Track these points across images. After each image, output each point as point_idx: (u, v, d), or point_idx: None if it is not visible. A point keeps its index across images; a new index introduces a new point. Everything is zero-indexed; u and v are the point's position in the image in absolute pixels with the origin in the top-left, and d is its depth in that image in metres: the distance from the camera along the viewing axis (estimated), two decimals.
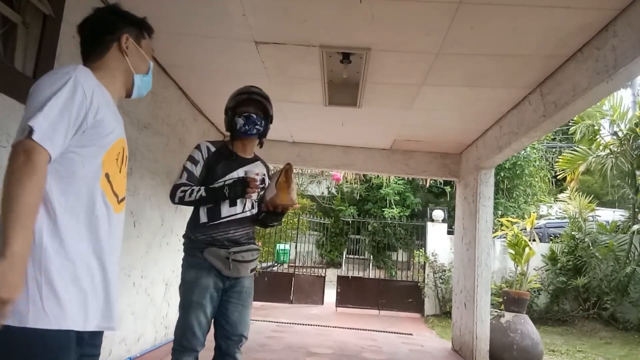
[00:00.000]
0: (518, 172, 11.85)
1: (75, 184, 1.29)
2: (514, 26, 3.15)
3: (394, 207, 12.42)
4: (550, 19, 3.03)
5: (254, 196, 2.42)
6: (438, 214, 10.20)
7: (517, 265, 6.41)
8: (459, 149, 6.42)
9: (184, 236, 2.53)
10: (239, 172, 2.47)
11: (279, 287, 9.64)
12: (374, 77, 4.14)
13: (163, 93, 4.47)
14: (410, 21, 3.17)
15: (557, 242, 9.69)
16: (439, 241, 9.90)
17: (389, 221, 11.58)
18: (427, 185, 12.50)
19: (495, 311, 5.88)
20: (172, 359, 2.41)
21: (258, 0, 3.08)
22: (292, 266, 10.39)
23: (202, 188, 2.38)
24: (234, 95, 2.59)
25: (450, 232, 9.54)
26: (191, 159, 2.50)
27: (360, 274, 10.72)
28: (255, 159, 2.65)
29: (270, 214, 2.49)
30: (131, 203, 3.98)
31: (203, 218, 2.42)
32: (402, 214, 12.23)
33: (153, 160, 4.38)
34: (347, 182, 14.09)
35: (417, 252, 10.25)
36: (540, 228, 10.03)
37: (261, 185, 2.52)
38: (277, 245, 10.64)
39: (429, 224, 10.17)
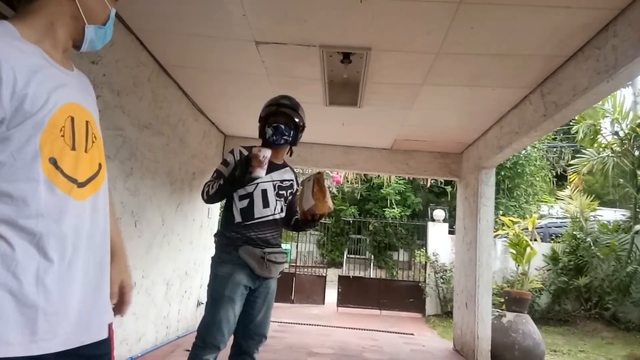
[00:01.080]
0: (519, 171, 11.85)
1: (7, 185, 0.98)
2: (514, 26, 3.14)
3: (394, 206, 12.41)
4: (550, 18, 3.02)
5: (261, 173, 2.37)
6: (439, 213, 10.20)
7: (518, 265, 6.41)
8: (459, 149, 6.42)
9: (216, 234, 2.60)
10: (273, 176, 2.59)
11: (280, 287, 9.48)
12: (375, 77, 4.14)
13: (163, 93, 4.47)
14: (411, 21, 3.17)
15: (559, 242, 9.69)
16: (440, 241, 9.90)
17: (390, 221, 11.58)
18: (428, 185, 12.49)
19: (497, 311, 5.87)
20: (191, 354, 2.42)
21: (258, 0, 3.08)
22: (293, 266, 10.40)
23: (222, 179, 2.46)
24: (265, 105, 2.70)
25: (451, 232, 9.54)
26: (224, 161, 2.59)
27: (362, 274, 10.72)
28: (284, 165, 2.74)
29: (308, 221, 2.58)
30: (132, 203, 3.98)
31: (237, 218, 2.51)
32: (403, 213, 12.24)
33: (154, 161, 4.38)
34: (347, 181, 14.10)
35: (418, 251, 10.25)
36: (541, 228, 10.02)
37: (290, 191, 2.68)
38: (282, 244, 10.63)
39: (430, 224, 10.17)
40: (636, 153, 8.63)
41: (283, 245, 9.45)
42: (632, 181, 8.97)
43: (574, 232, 9.46)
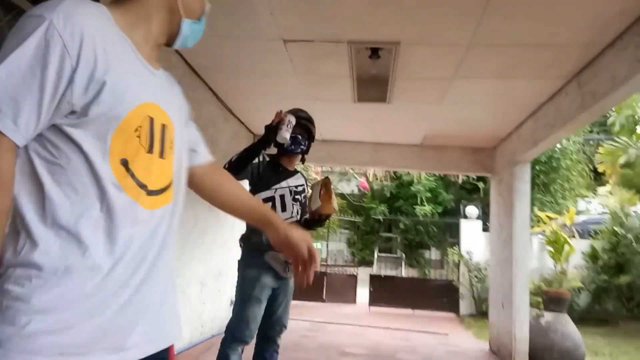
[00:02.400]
0: (554, 165, 11.49)
1: (67, 182, 0.87)
2: (548, 14, 3.04)
3: (425, 204, 12.24)
4: (586, 5, 2.91)
5: (286, 134, 2.59)
6: (471, 210, 10.01)
7: (556, 263, 6.22)
8: (492, 143, 6.27)
9: (242, 239, 2.82)
10: (289, 182, 2.84)
11: (311, 286, 9.64)
12: (404, 72, 4.08)
13: (194, 95, 4.53)
14: (441, 13, 3.11)
15: (598, 239, 9.35)
16: (473, 239, 9.71)
17: (421, 218, 11.44)
18: (460, 181, 12.27)
19: (535, 311, 5.71)
20: (222, 347, 2.68)
21: None
22: (323, 265, 10.40)
23: (241, 150, 2.67)
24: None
25: (485, 229, 9.34)
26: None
27: (393, 273, 10.64)
28: (296, 172, 2.99)
29: (314, 221, 2.82)
30: None
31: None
32: (434, 211, 12.05)
33: None
34: (377, 179, 13.99)
35: (451, 250, 10.08)
36: (579, 224, 9.70)
37: (303, 195, 2.92)
38: None
39: (463, 221, 9.99)
40: None
41: (314, 245, 9.42)
42: None
43: (614, 228, 9.11)
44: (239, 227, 6.33)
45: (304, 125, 2.86)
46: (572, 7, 2.94)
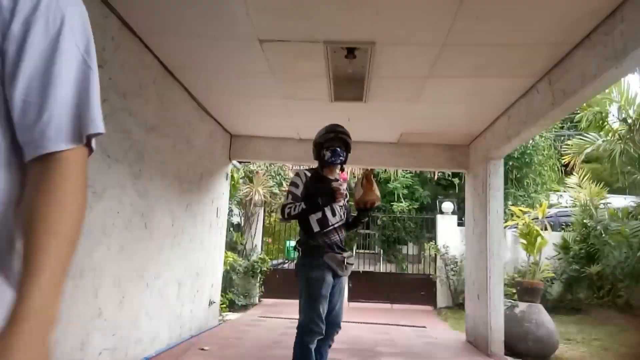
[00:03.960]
0: (527, 161, 11.75)
1: None
2: (519, 14, 3.12)
3: (402, 200, 12.37)
4: (556, 5, 2.99)
5: (341, 202, 3.09)
6: (447, 206, 10.16)
7: (529, 255, 6.37)
8: (467, 141, 6.38)
9: (300, 243, 3.16)
10: None
11: (290, 283, 9.56)
12: (380, 71, 4.12)
13: (169, 95, 4.48)
14: (415, 13, 3.15)
15: (569, 231, 9.62)
16: (449, 233, 9.87)
17: (398, 215, 11.55)
18: (435, 178, 12.43)
19: (509, 302, 5.85)
20: (303, 342, 2.94)
21: None
22: None
23: (302, 203, 3.02)
24: (323, 133, 3.26)
25: (460, 224, 9.50)
26: (294, 184, 3.15)
27: (372, 269, 10.70)
28: (337, 179, 3.29)
29: (361, 211, 3.25)
30: (141, 205, 4.00)
31: (315, 227, 3.08)
32: (411, 207, 12.17)
33: (161, 162, 4.39)
34: (354, 177, 14.04)
35: (428, 244, 10.22)
36: (551, 217, 9.96)
37: (346, 199, 3.22)
38: (287, 242, 10.65)
39: (439, 217, 10.13)
40: None
41: (292, 242, 9.44)
42: None
43: (584, 221, 9.38)
44: (216, 227, 6.32)
45: (342, 139, 3.21)
46: (542, 7, 3.02)
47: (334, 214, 3.13)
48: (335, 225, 3.16)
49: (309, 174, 3.17)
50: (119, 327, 3.68)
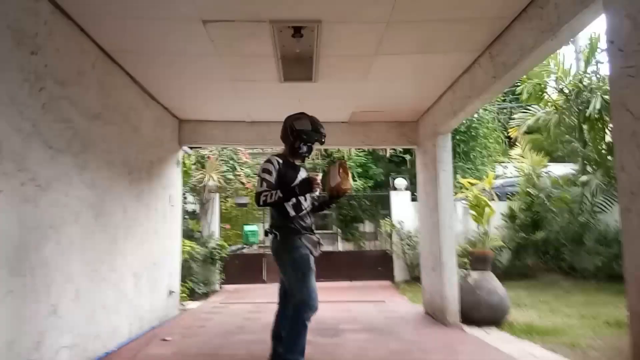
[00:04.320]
0: (473, 134, 12.16)
1: None
2: None
3: (357, 179, 12.53)
4: None
5: (317, 192, 3.26)
6: (400, 182, 10.38)
7: (479, 226, 6.62)
8: (415, 117, 6.52)
9: (277, 226, 3.30)
10: (301, 175, 3.37)
11: (250, 268, 9.64)
12: (327, 50, 4.12)
13: (110, 80, 4.30)
14: None
15: (515, 200, 10.06)
16: (403, 209, 10.11)
17: (354, 193, 11.71)
18: (388, 155, 12.65)
19: (462, 271, 6.08)
20: (300, 319, 3.15)
21: None
22: (261, 247, 10.39)
23: (278, 191, 3.14)
24: (307, 127, 3.39)
25: (414, 199, 9.74)
26: (266, 171, 3.24)
27: (330, 248, 10.84)
28: (301, 166, 3.54)
29: (333, 198, 3.46)
30: (90, 197, 3.86)
31: (291, 212, 3.27)
32: (365, 185, 12.37)
33: (108, 151, 4.24)
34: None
35: (383, 221, 10.43)
36: (497, 187, 10.38)
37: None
38: (245, 227, 10.58)
39: (393, 193, 10.34)
40: (580, 109, 9.00)
41: (250, 227, 9.35)
42: (579, 135, 9.38)
43: (528, 189, 9.84)
44: (170, 215, 6.19)
45: (320, 140, 3.45)
46: None
47: (305, 199, 3.34)
48: (307, 209, 3.37)
49: (280, 161, 3.31)
50: (76, 324, 3.57)
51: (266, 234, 3.46)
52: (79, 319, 3.63)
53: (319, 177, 3.23)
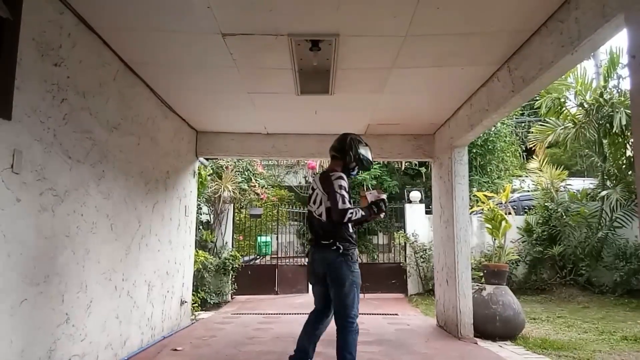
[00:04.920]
0: (490, 148, 12.05)
1: None
2: (478, 3, 3.18)
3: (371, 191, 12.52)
4: None
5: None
6: (415, 195, 10.32)
7: (494, 239, 6.55)
8: (432, 130, 6.49)
9: (342, 241, 3.40)
10: None
11: (263, 279, 9.62)
12: (344, 63, 4.13)
13: (130, 92, 4.37)
14: (376, 4, 3.17)
15: (532, 214, 9.94)
16: (418, 221, 10.04)
17: None
18: (403, 168, 12.60)
19: (477, 285, 6.01)
20: (351, 326, 3.38)
21: None
22: (274, 257, 10.38)
23: (359, 209, 3.41)
24: (367, 155, 3.67)
25: (428, 212, 9.67)
26: (343, 187, 3.35)
27: None
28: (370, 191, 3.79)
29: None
30: (106, 206, 3.90)
31: (351, 228, 3.50)
32: None
33: (126, 162, 4.29)
34: (323, 169, 14.06)
35: (397, 233, 10.37)
36: (514, 201, 10.26)
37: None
38: (258, 237, 10.59)
39: (407, 206, 10.29)
40: (600, 123, 8.87)
41: (264, 238, 9.36)
42: (598, 150, 9.25)
43: (546, 204, 9.72)
44: (185, 225, 6.22)
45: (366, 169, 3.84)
46: None
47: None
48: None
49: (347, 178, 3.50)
50: (88, 332, 3.59)
51: (315, 244, 3.53)
52: (91, 327, 3.65)
53: (385, 196, 3.57)
